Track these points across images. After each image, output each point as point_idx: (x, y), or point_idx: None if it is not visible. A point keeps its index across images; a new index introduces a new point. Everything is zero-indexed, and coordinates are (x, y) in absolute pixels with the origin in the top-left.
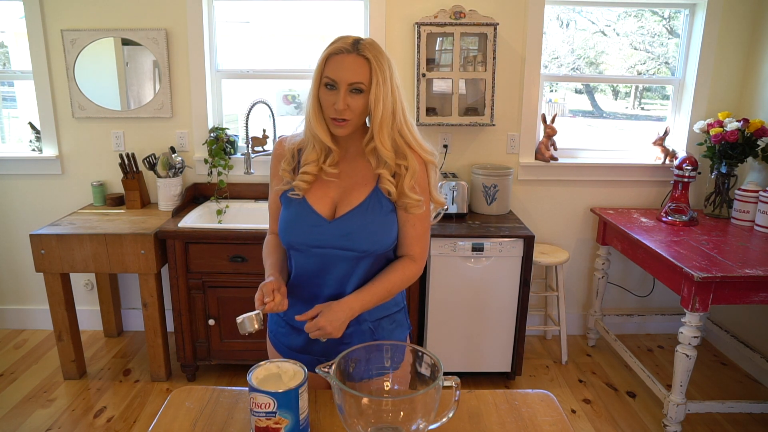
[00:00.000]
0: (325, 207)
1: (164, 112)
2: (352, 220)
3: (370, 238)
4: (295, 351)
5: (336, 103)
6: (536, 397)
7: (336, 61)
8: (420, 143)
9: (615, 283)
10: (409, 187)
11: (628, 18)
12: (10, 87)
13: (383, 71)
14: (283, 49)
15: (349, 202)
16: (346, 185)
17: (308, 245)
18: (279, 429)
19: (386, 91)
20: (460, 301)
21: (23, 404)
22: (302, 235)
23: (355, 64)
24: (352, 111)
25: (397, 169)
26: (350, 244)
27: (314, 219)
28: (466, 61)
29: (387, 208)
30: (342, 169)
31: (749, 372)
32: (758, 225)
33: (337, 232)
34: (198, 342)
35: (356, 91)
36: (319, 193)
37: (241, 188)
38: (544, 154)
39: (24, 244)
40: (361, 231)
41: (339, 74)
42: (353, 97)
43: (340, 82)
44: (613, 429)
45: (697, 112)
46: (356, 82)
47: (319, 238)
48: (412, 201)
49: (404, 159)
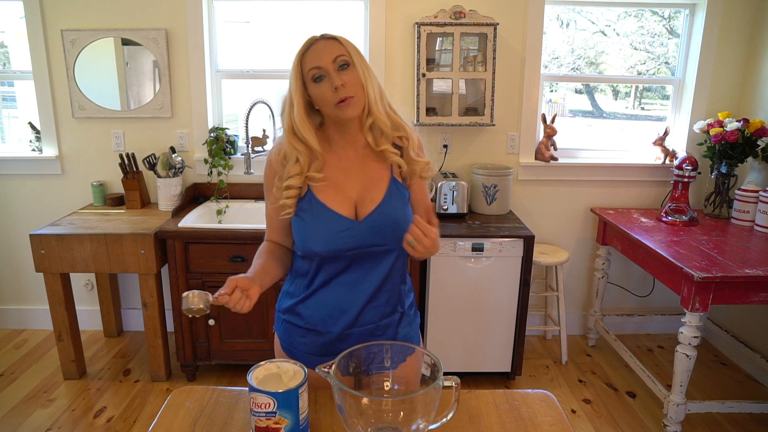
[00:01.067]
0: (348, 209)
1: (164, 112)
2: (382, 215)
3: (400, 228)
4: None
5: (332, 83)
6: (536, 397)
7: (311, 53)
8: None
9: (615, 283)
10: (414, 154)
11: (628, 18)
12: (10, 87)
13: (354, 48)
14: (284, 49)
15: (372, 199)
16: (363, 183)
17: (341, 250)
18: (279, 429)
19: (366, 65)
20: (460, 301)
21: (23, 404)
22: (333, 242)
23: (328, 46)
24: (352, 85)
25: (397, 141)
26: (384, 239)
27: (342, 223)
28: (466, 61)
29: (407, 197)
30: (354, 170)
31: (749, 372)
32: (758, 225)
33: (370, 230)
34: (198, 342)
35: (344, 65)
36: (339, 196)
37: (241, 188)
38: (544, 154)
39: (24, 244)
40: (391, 224)
41: (320, 58)
42: (344, 73)
43: (325, 64)
44: (613, 429)
45: (697, 112)
46: (338, 55)
47: (351, 240)
48: (421, 164)
49: (403, 130)
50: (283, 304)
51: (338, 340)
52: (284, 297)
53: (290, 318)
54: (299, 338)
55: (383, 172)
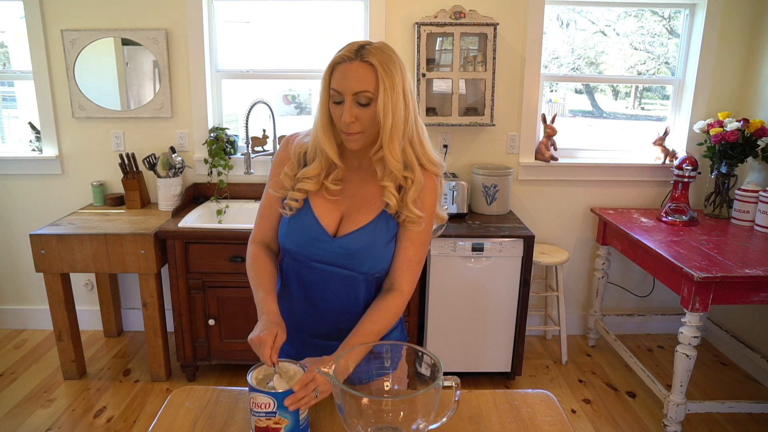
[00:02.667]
0: (331, 221)
1: (164, 112)
2: (356, 240)
3: (372, 261)
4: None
5: (343, 115)
6: (536, 397)
7: (340, 71)
8: (429, 155)
9: (615, 283)
10: (411, 200)
11: (628, 18)
12: (10, 87)
13: (391, 77)
14: (283, 49)
15: (356, 220)
16: (355, 202)
17: (308, 258)
18: (279, 429)
19: (396, 97)
20: (460, 301)
21: (23, 404)
22: (303, 246)
23: (359, 72)
24: (362, 123)
25: (402, 182)
26: (352, 264)
27: (317, 232)
28: (466, 61)
29: (393, 231)
30: (352, 185)
31: (749, 372)
32: (758, 225)
33: (340, 251)
34: (198, 342)
35: (363, 100)
36: (328, 205)
37: (241, 188)
38: (544, 154)
39: (24, 244)
40: (364, 252)
41: (343, 84)
42: (361, 108)
43: (345, 92)
44: (613, 429)
45: (697, 112)
46: (361, 91)
47: (319, 253)
48: (412, 215)
49: (411, 172)
50: None
51: (304, 347)
52: None
53: None
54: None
55: (379, 199)
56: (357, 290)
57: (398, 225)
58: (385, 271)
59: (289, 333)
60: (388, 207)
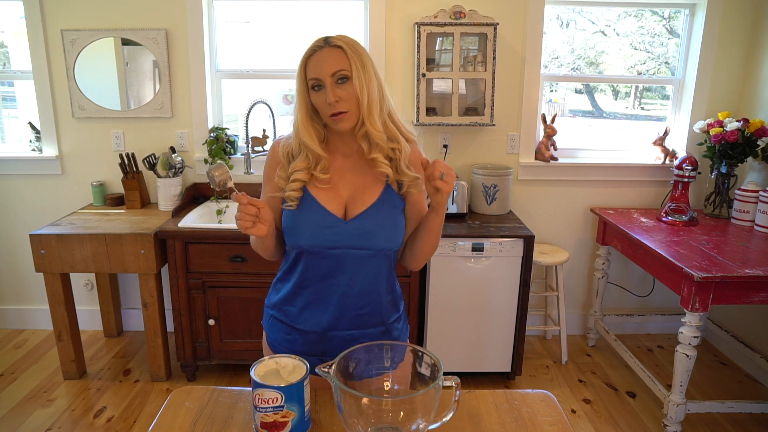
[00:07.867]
0: (337, 207)
1: (164, 112)
2: (369, 219)
3: (386, 236)
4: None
5: (327, 98)
6: (536, 397)
7: (313, 61)
8: (406, 128)
9: (615, 283)
10: (405, 166)
11: (628, 18)
12: (10, 87)
13: (360, 56)
14: (283, 49)
15: (363, 201)
16: (356, 185)
17: (324, 247)
18: (286, 422)
19: (368, 75)
20: (460, 301)
21: (23, 404)
22: (316, 237)
23: (332, 56)
24: (346, 101)
25: (391, 153)
26: (368, 243)
27: (329, 220)
28: (466, 61)
29: (400, 206)
30: (349, 174)
31: (749, 372)
32: (758, 225)
33: (355, 232)
34: (198, 342)
35: (342, 80)
36: (330, 193)
37: (241, 188)
38: (544, 154)
39: (24, 244)
40: (378, 229)
41: (319, 70)
42: (341, 87)
43: (323, 76)
44: (613, 429)
45: (697, 112)
46: (337, 70)
47: (335, 238)
48: (410, 178)
49: (397, 143)
50: (270, 299)
51: (320, 341)
52: (272, 292)
53: (276, 314)
54: (284, 335)
55: (379, 178)
56: (377, 268)
57: (404, 200)
58: (400, 244)
59: (309, 334)
60: (388, 179)
